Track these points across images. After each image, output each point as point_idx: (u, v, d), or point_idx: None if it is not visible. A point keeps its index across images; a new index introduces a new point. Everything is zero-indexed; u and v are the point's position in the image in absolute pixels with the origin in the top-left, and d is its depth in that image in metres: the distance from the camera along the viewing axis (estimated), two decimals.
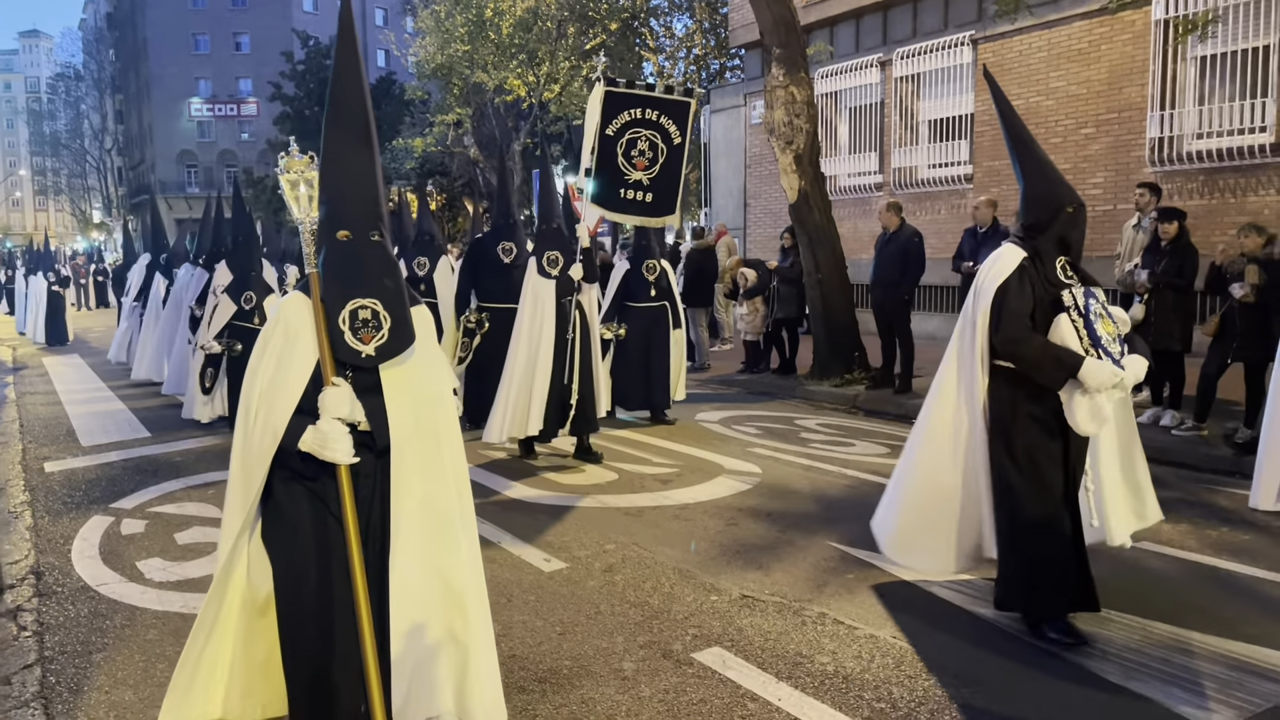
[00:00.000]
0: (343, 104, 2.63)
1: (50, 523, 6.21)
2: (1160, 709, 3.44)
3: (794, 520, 5.88)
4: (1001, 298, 3.90)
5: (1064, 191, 4.06)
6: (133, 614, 4.63)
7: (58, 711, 3.64)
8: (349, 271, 2.57)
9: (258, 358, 2.58)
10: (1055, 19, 13.20)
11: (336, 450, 2.45)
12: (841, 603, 4.52)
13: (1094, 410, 3.72)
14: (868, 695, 3.59)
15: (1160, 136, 12.20)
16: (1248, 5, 11.26)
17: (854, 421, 9.14)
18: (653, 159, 7.27)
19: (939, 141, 15.35)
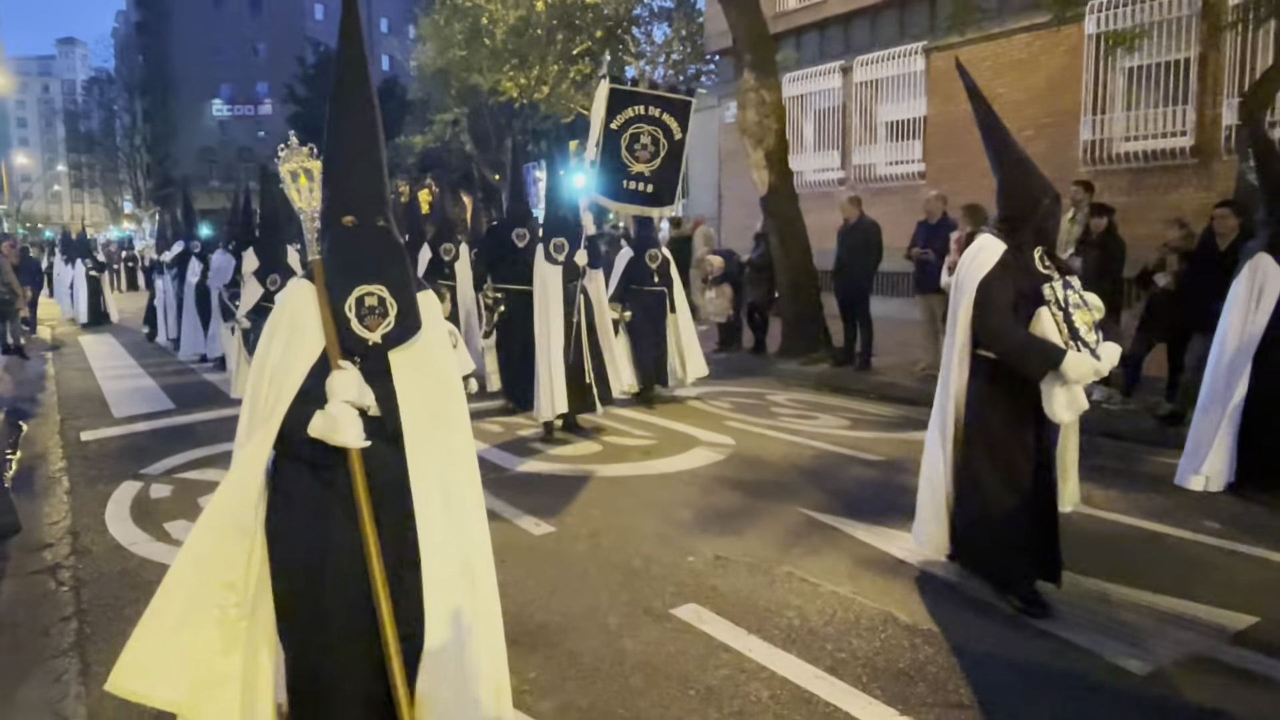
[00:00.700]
0: (347, 91, 2.44)
1: (85, 487, 6.17)
2: (1092, 655, 3.48)
3: (764, 488, 5.88)
4: (985, 291, 3.76)
5: (1040, 184, 3.90)
6: (161, 571, 4.56)
7: (92, 660, 3.63)
8: (355, 258, 2.37)
9: (264, 347, 2.40)
10: (999, 32, 13.18)
11: (347, 433, 2.24)
12: (807, 562, 4.53)
13: (1071, 400, 3.63)
14: (830, 646, 3.61)
15: (1093, 139, 12.24)
16: (1170, 22, 11.30)
17: (819, 396, 9.16)
18: (654, 153, 7.10)
19: (895, 141, 15.35)
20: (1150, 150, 11.61)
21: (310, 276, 2.42)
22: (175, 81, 59.33)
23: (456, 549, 2.45)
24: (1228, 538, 4.76)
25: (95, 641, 3.81)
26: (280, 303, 2.46)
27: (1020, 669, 3.41)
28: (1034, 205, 3.82)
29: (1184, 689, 3.25)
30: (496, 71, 21.30)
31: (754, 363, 11.14)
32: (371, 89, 2.45)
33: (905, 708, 3.14)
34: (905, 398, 8.69)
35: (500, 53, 21.11)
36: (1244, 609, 3.79)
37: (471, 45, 21.52)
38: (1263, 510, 5.17)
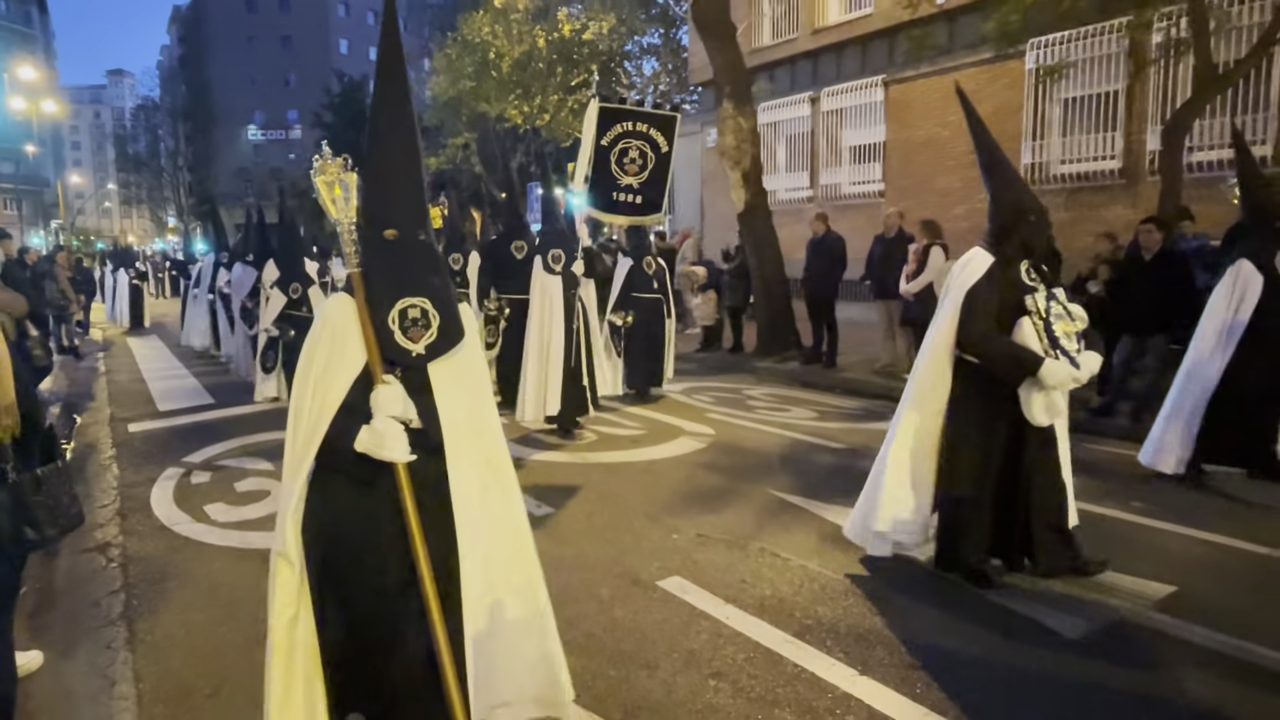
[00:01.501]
0: (387, 108, 2.24)
1: (133, 473, 6.15)
2: (1031, 621, 3.50)
3: (740, 473, 5.88)
4: (971, 299, 3.63)
5: (1028, 200, 3.76)
6: (200, 549, 4.60)
7: (139, 629, 3.62)
8: (397, 271, 2.17)
9: (306, 361, 2.18)
10: (949, 66, 13.21)
11: (394, 449, 2.07)
12: (778, 539, 4.54)
13: (1048, 404, 3.52)
14: (798, 614, 3.62)
15: (1033, 162, 12.29)
16: (1101, 59, 11.38)
17: (790, 391, 9.17)
18: (642, 165, 6.92)
19: (857, 163, 15.38)
20: (1083, 172, 11.68)
21: (350, 290, 2.22)
22: (214, 109, 59.12)
23: (497, 556, 2.30)
24: (1153, 517, 4.78)
25: (141, 612, 3.80)
26: (321, 316, 2.24)
27: (967, 634, 3.42)
28: (1021, 220, 3.67)
29: (1111, 650, 3.27)
30: (503, 100, 21.28)
31: (732, 361, 11.14)
32: (411, 106, 2.27)
33: (864, 668, 3.15)
34: (867, 392, 8.72)
35: (506, 84, 21.09)
36: (1164, 580, 3.82)
37: (480, 77, 21.50)
38: (1190, 494, 5.20)
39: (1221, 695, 2.94)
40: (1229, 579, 3.93)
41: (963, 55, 12.93)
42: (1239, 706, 2.88)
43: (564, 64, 20.94)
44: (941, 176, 13.60)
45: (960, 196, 13.23)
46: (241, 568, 4.30)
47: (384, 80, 2.25)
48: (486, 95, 21.55)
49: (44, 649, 3.39)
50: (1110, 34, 11.15)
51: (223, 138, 58.88)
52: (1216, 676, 3.07)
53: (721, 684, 3.08)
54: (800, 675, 3.12)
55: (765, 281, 11.07)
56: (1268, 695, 2.94)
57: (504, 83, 21.09)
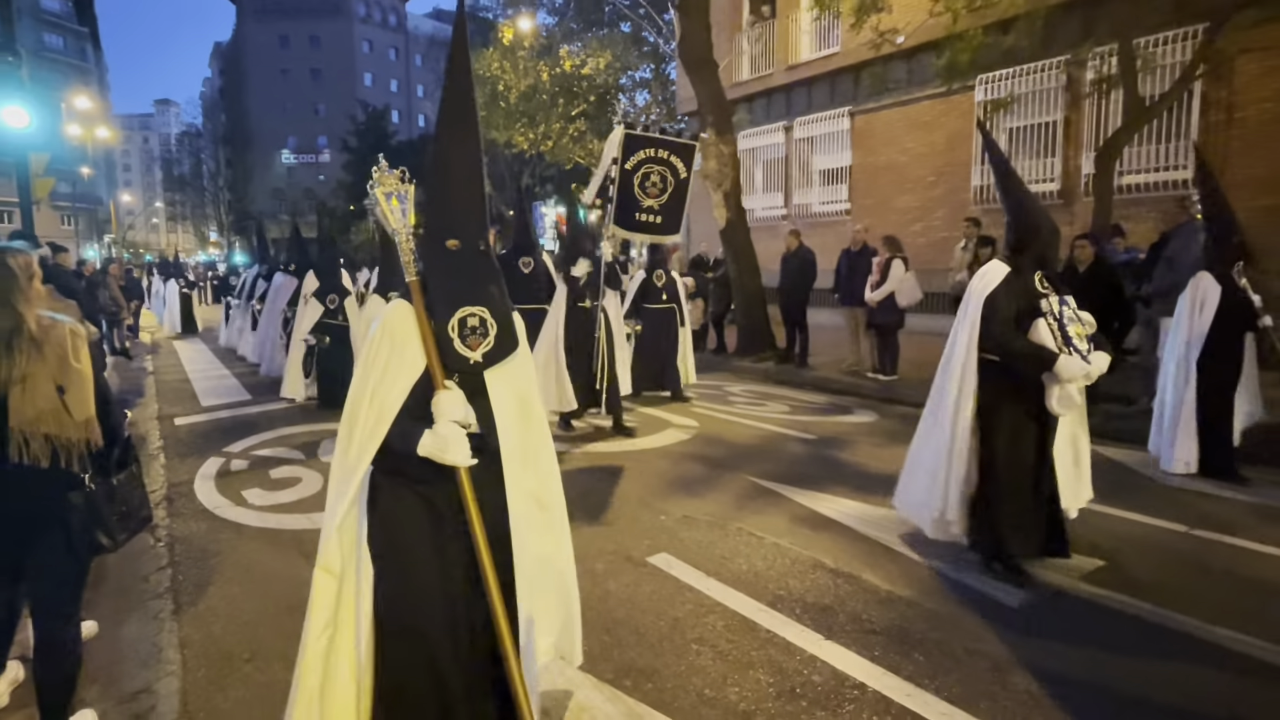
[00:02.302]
0: (454, 120, 2.04)
1: (178, 462, 6.13)
2: (977, 591, 3.53)
3: (721, 461, 5.90)
4: (990, 305, 3.57)
5: (1042, 218, 3.65)
6: (239, 529, 4.60)
7: (183, 602, 3.63)
8: (458, 280, 2.01)
9: (365, 366, 2.01)
10: (908, 99, 13.28)
11: (457, 453, 1.91)
12: (754, 520, 4.56)
13: (1064, 397, 3.45)
14: (771, 586, 3.65)
15: (981, 184, 12.34)
16: (1042, 92, 11.44)
17: (767, 388, 9.19)
18: (663, 189, 6.75)
19: (826, 185, 15.42)
20: None
21: (408, 297, 2.05)
22: (251, 134, 58.94)
23: (548, 556, 2.15)
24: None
25: (185, 586, 3.80)
26: (381, 323, 2.05)
27: (920, 604, 3.46)
28: (1035, 235, 3.60)
29: (1046, 617, 3.31)
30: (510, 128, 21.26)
31: (715, 361, 11.14)
32: (476, 119, 2.09)
33: (829, 634, 3.18)
34: (834, 389, 8.75)
35: (513, 113, 21.08)
36: (1094, 555, 3.85)
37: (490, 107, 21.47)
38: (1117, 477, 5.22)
39: (1139, 654, 2.98)
40: (1151, 554, 3.97)
41: (919, 89, 12.98)
42: (1154, 665, 2.91)
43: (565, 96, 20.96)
44: (901, 197, 13.66)
45: (917, 215, 13.30)
46: (275, 546, 4.31)
47: (450, 95, 2.07)
48: (496, 123, 21.52)
49: (99, 620, 3.38)
50: (1049, 70, 11.22)
51: (259, 161, 58.68)
52: (1136, 638, 3.11)
53: (703, 648, 3.10)
54: (772, 640, 3.14)
55: (745, 290, 11.10)
56: (1179, 654, 2.98)
57: (511, 112, 21.07)
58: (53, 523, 2.38)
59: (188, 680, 2.96)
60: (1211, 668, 2.90)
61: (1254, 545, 4.03)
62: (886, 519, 4.45)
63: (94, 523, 2.41)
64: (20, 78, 8.53)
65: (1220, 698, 2.71)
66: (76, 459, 2.36)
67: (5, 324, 2.27)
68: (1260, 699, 2.71)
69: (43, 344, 2.30)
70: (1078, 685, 2.80)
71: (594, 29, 24.19)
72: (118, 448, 2.50)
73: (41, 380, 2.28)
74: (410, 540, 2.03)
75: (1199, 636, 3.11)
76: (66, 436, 2.32)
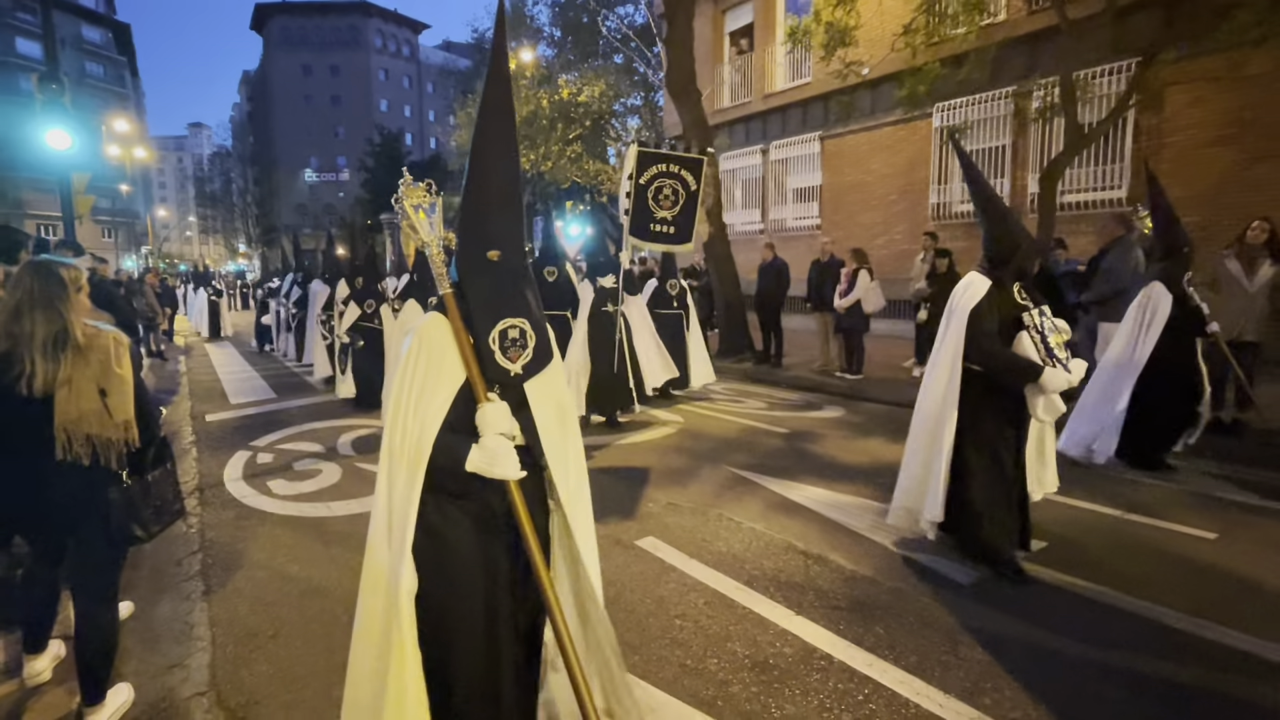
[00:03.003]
0: (493, 133, 1.84)
1: (209, 455, 6.08)
2: (934, 571, 3.55)
3: (704, 453, 5.89)
4: (975, 318, 3.41)
5: (1020, 233, 3.47)
6: (264, 517, 4.56)
7: (213, 584, 3.60)
8: (500, 291, 1.82)
9: (402, 379, 1.81)
10: (873, 124, 13.32)
11: (506, 466, 1.74)
12: (733, 506, 4.56)
13: (1049, 405, 3.31)
14: (748, 566, 3.65)
15: (938, 202, 12.39)
16: (992, 119, 11.48)
17: (745, 386, 9.19)
18: (675, 201, 6.57)
19: (799, 203, 15.44)
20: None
21: (442, 309, 1.86)
22: (276, 155, 58.55)
23: (585, 558, 1.97)
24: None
25: (214, 570, 3.78)
26: (416, 336, 1.84)
27: (880, 582, 3.47)
28: (1014, 249, 3.43)
29: (994, 592, 3.33)
30: None
31: None
32: (514, 133, 1.89)
33: (799, 610, 3.19)
34: (806, 387, 8.77)
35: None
36: (1038, 537, 3.84)
37: None
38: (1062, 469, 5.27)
39: (1077, 625, 3.01)
40: (1088, 536, 3.99)
41: (882, 116, 13.03)
42: (1091, 634, 2.94)
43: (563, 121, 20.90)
44: (865, 213, 13.71)
45: (880, 230, 13.35)
46: (297, 533, 4.28)
47: (488, 109, 1.86)
48: None
49: (136, 600, 3.36)
50: (999, 100, 11.28)
51: (283, 179, 58.28)
52: (1075, 611, 3.14)
53: (685, 623, 3.10)
54: (748, 615, 3.15)
55: (725, 297, 11.10)
56: (1114, 625, 3.01)
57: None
58: (93, 515, 2.36)
59: (216, 655, 2.94)
60: (1141, 636, 2.93)
61: (1178, 527, 4.07)
62: (852, 505, 4.47)
63: (130, 516, 2.40)
64: (63, 103, 8.44)
65: (1147, 662, 2.74)
66: (115, 457, 2.34)
67: (53, 329, 2.26)
68: (1178, 660, 2.74)
69: (88, 350, 2.29)
70: (1022, 653, 2.82)
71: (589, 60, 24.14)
72: (153, 448, 2.48)
73: (86, 383, 2.26)
74: (457, 555, 1.84)
75: (1130, 610, 3.14)
76: (107, 436, 2.31)
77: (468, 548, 1.85)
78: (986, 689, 2.62)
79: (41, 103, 8.33)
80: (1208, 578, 3.46)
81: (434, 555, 1.82)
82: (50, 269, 2.32)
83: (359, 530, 4.22)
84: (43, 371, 2.22)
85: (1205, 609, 3.12)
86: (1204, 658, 2.79)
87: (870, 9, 10.34)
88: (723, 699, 2.60)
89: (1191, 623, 3.02)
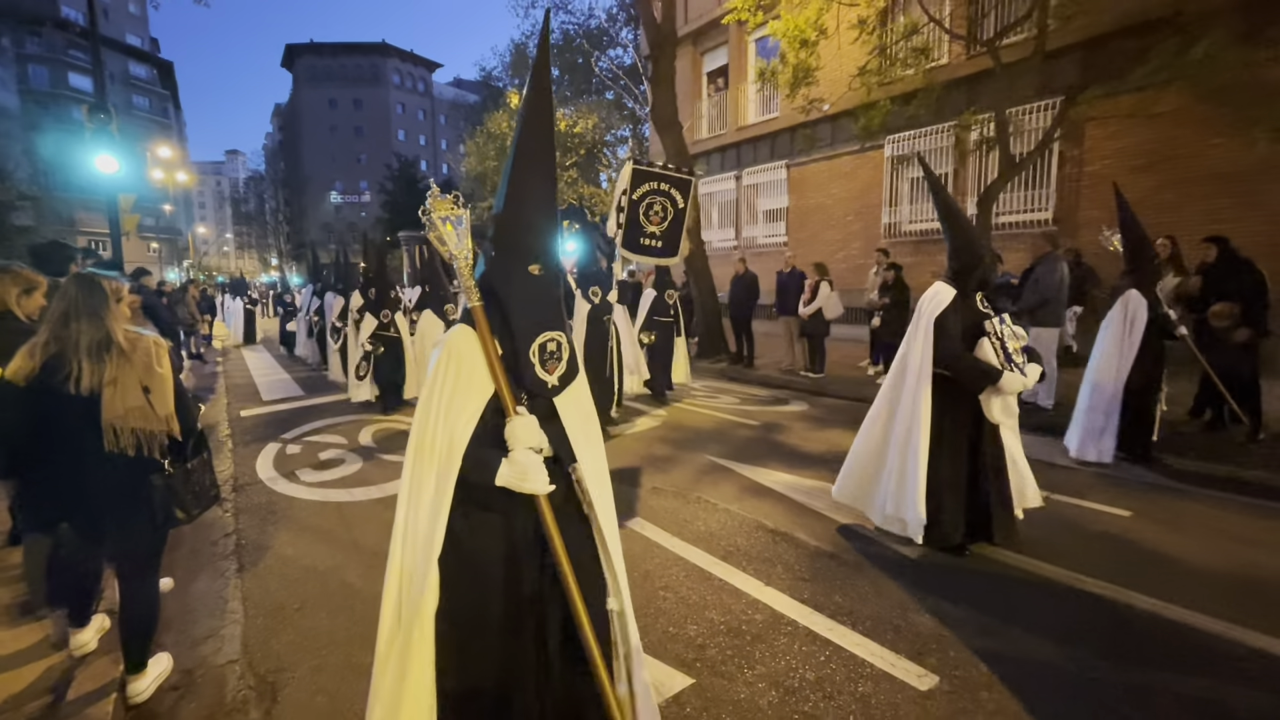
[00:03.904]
0: (533, 147, 1.65)
1: (243, 447, 6.00)
2: (884, 546, 3.55)
3: (684, 443, 5.88)
4: (941, 325, 3.29)
5: (982, 247, 3.35)
6: (292, 502, 4.50)
7: (245, 562, 3.55)
8: (540, 304, 1.64)
9: (430, 391, 1.63)
10: (832, 154, 13.38)
11: (536, 481, 1.57)
12: (710, 491, 4.55)
13: (1005, 406, 3.25)
14: (723, 543, 3.64)
15: (889, 222, 12.46)
16: (936, 150, 11.56)
17: (721, 384, 9.19)
18: (664, 217, 6.33)
19: (768, 223, 15.48)
20: (924, 229, 11.87)
21: (471, 322, 1.66)
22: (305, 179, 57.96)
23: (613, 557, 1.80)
24: None
25: (247, 550, 3.72)
26: (444, 348, 1.66)
27: (840, 557, 3.48)
28: (978, 261, 3.31)
29: (939, 566, 3.34)
30: None
31: None
32: (554, 147, 1.71)
33: (768, 581, 3.19)
34: (774, 384, 8.78)
35: None
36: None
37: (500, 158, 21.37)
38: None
39: (1008, 591, 3.03)
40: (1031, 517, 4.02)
41: (841, 147, 13.09)
42: (1019, 597, 2.96)
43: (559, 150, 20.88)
44: (826, 232, 13.77)
45: (839, 246, 13.41)
46: (322, 516, 4.23)
47: (529, 125, 1.66)
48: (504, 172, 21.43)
49: (175, 577, 3.31)
50: (942, 133, 11.36)
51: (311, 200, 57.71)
52: (1001, 579, 3.15)
53: (668, 594, 3.09)
54: (724, 587, 3.14)
55: (704, 306, 11.10)
56: (1040, 590, 3.03)
57: None
58: (138, 499, 2.33)
59: (248, 626, 2.90)
60: (1063, 600, 2.95)
61: (1097, 506, 4.11)
62: (815, 488, 4.47)
63: (172, 500, 2.36)
64: (111, 132, 8.30)
65: (1067, 621, 2.76)
66: (157, 448, 2.31)
67: (97, 335, 2.22)
68: (1093, 620, 2.77)
69: (131, 353, 2.26)
70: (961, 617, 2.83)
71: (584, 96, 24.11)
72: (191, 439, 2.45)
73: (130, 383, 2.23)
74: (481, 562, 1.66)
75: (1053, 578, 3.16)
76: (150, 429, 2.27)
77: (492, 558, 1.67)
78: (932, 649, 2.63)
79: (91, 131, 8.19)
80: (1122, 549, 3.49)
81: (456, 564, 1.64)
82: (94, 281, 2.28)
83: (378, 514, 4.18)
84: (89, 372, 2.18)
85: (1118, 576, 3.15)
86: (1116, 617, 2.81)
87: (830, 52, 10.39)
88: (701, 661, 2.59)
89: (1107, 588, 3.05)
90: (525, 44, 24.87)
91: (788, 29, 8.78)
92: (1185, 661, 2.52)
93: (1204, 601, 2.92)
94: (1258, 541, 3.56)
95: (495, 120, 21.22)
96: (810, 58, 8.93)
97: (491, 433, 1.62)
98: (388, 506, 4.29)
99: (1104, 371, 4.83)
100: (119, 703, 2.35)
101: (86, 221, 34.47)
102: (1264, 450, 4.92)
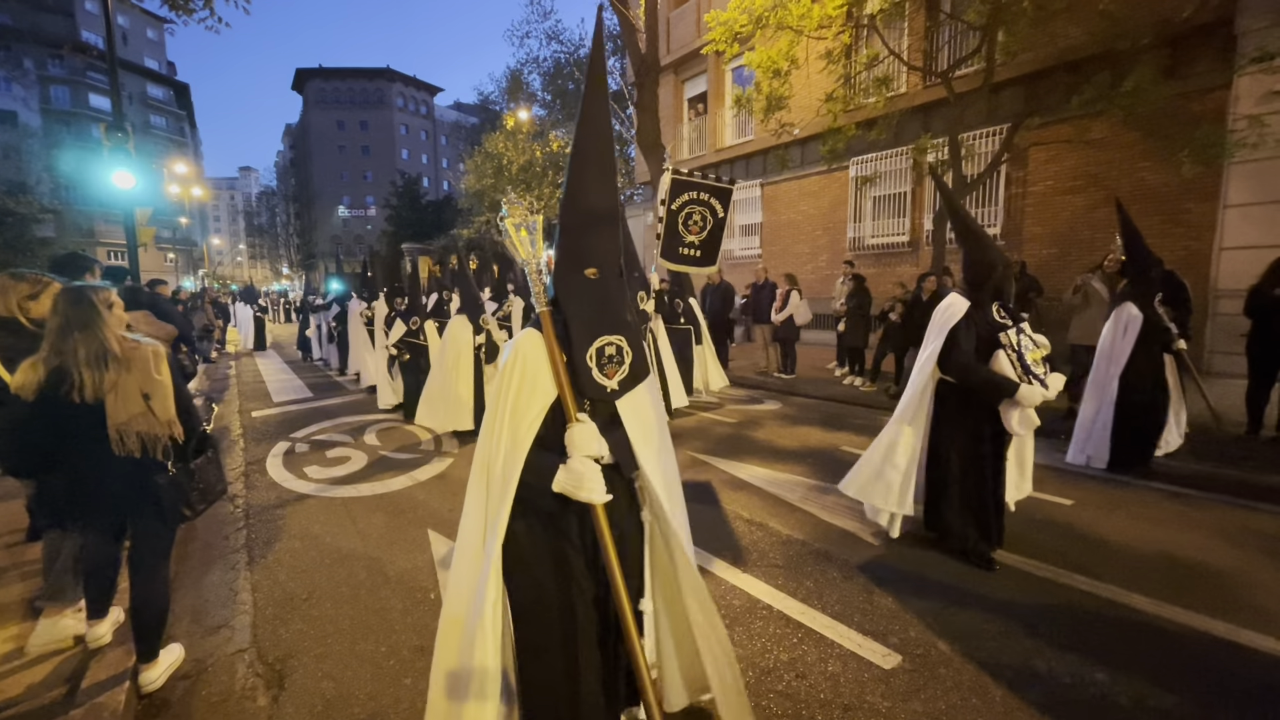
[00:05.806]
0: (592, 151, 1.55)
1: (254, 445, 5.89)
2: (854, 535, 3.54)
3: None
4: (954, 337, 3.05)
5: (997, 256, 3.04)
6: (300, 498, 4.41)
7: (256, 555, 3.47)
8: (598, 309, 1.54)
9: (498, 393, 1.55)
10: (802, 174, 13.47)
11: (593, 491, 1.47)
12: (694, 483, 4.52)
13: (1024, 418, 2.96)
14: (703, 533, 3.59)
15: (854, 236, 12.54)
16: (896, 171, 11.67)
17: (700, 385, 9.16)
18: (703, 227, 5.89)
19: (744, 237, 15.52)
20: (886, 243, 11.97)
21: (538, 326, 1.58)
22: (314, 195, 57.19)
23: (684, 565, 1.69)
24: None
25: (257, 543, 3.64)
26: (514, 350, 1.57)
27: (810, 545, 3.47)
28: (991, 271, 3.02)
29: (900, 552, 3.35)
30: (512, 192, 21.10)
31: None
32: (613, 150, 1.60)
33: (744, 567, 3.17)
34: (750, 385, 8.78)
35: (514, 181, 20.88)
36: None
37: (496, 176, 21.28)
38: None
39: (965, 574, 3.05)
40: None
41: (810, 168, 13.18)
42: (973, 580, 2.98)
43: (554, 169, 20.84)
44: (797, 245, 13.85)
45: (809, 258, 13.50)
46: (329, 511, 4.15)
47: (587, 130, 1.56)
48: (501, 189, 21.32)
49: (188, 569, 3.23)
50: (901, 156, 11.48)
51: (320, 214, 56.94)
52: (958, 564, 3.16)
53: None
54: (703, 573, 3.10)
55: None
56: (996, 580, 3.05)
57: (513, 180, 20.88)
58: (145, 498, 2.26)
59: (258, 616, 2.83)
60: (1013, 582, 2.97)
61: (1048, 497, 4.15)
62: (787, 481, 4.47)
63: (178, 498, 2.30)
64: (128, 149, 8.12)
65: (1019, 603, 2.78)
66: (161, 450, 2.25)
67: (94, 347, 2.16)
68: (1041, 601, 2.80)
69: (129, 361, 2.19)
70: (921, 600, 2.84)
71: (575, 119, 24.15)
72: (194, 439, 2.39)
73: (131, 389, 2.17)
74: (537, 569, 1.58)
75: (1002, 562, 3.18)
76: (153, 433, 2.21)
77: (552, 562, 1.58)
78: (895, 629, 2.63)
79: (109, 149, 8.00)
80: (1065, 534, 3.53)
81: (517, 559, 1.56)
82: (80, 294, 2.19)
83: (382, 508, 4.11)
84: (90, 382, 2.13)
85: (1062, 560, 3.18)
86: (1059, 597, 2.84)
87: (800, 82, 10.46)
88: None
89: (1051, 570, 3.08)
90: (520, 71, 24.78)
91: (762, 60, 8.83)
92: (1118, 634, 2.55)
93: (1133, 580, 2.96)
94: (1176, 525, 3.62)
95: (492, 141, 21.12)
96: (782, 87, 8.98)
97: (554, 437, 1.54)
98: (391, 502, 4.22)
99: (1099, 379, 4.62)
100: (132, 691, 2.28)
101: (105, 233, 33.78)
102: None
